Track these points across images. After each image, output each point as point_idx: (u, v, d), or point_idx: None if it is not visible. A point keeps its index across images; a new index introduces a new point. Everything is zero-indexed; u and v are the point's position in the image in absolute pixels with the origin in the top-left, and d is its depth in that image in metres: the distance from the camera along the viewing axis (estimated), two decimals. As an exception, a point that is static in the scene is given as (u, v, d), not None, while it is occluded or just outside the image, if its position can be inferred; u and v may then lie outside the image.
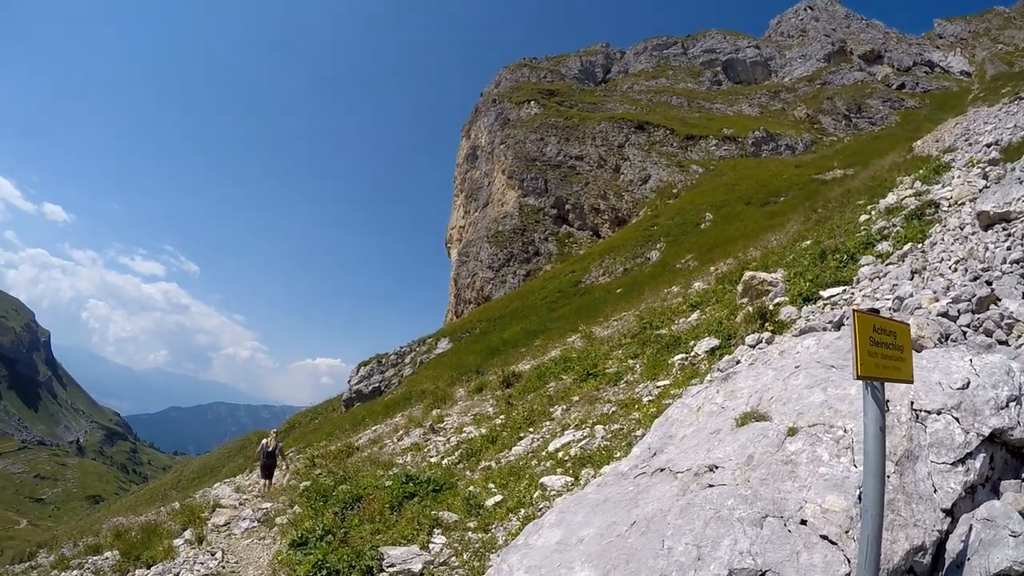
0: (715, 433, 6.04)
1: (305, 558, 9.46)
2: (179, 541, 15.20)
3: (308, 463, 19.11)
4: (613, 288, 43.92)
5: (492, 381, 22.50)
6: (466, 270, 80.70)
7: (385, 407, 36.16)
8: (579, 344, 23.37)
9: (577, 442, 10.96)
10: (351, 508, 11.71)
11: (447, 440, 16.28)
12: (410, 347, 56.88)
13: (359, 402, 52.20)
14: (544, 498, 8.99)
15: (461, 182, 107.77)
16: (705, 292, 21.06)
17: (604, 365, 16.06)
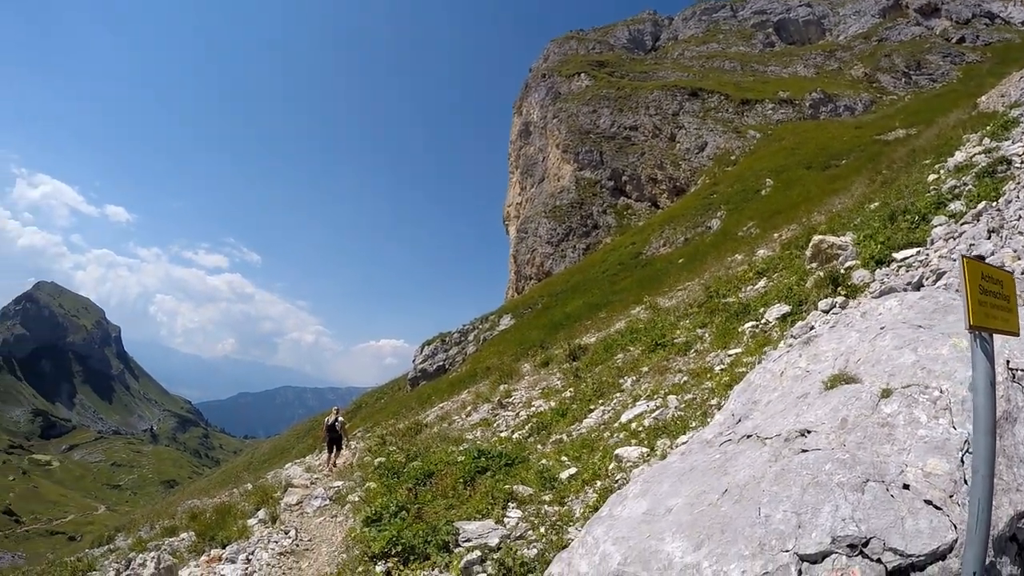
0: (802, 397, 5.84)
1: (380, 534, 9.46)
2: (253, 521, 15.39)
3: (379, 441, 19.22)
4: (675, 258, 43.43)
5: (558, 355, 22.39)
6: (525, 246, 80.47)
7: (450, 384, 36.33)
8: (644, 315, 23.12)
9: (650, 413, 10.79)
10: (423, 484, 11.68)
11: (516, 414, 16.20)
12: (473, 325, 57.11)
13: (424, 380, 52.55)
14: (620, 470, 8.84)
15: (516, 159, 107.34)
16: (770, 259, 20.66)
17: (672, 335, 15.83)
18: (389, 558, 9.01)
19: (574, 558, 5.35)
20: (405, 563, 8.75)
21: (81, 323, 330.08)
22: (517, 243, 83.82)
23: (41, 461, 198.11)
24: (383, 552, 9.14)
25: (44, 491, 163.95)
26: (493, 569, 7.35)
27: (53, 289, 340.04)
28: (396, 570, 8.69)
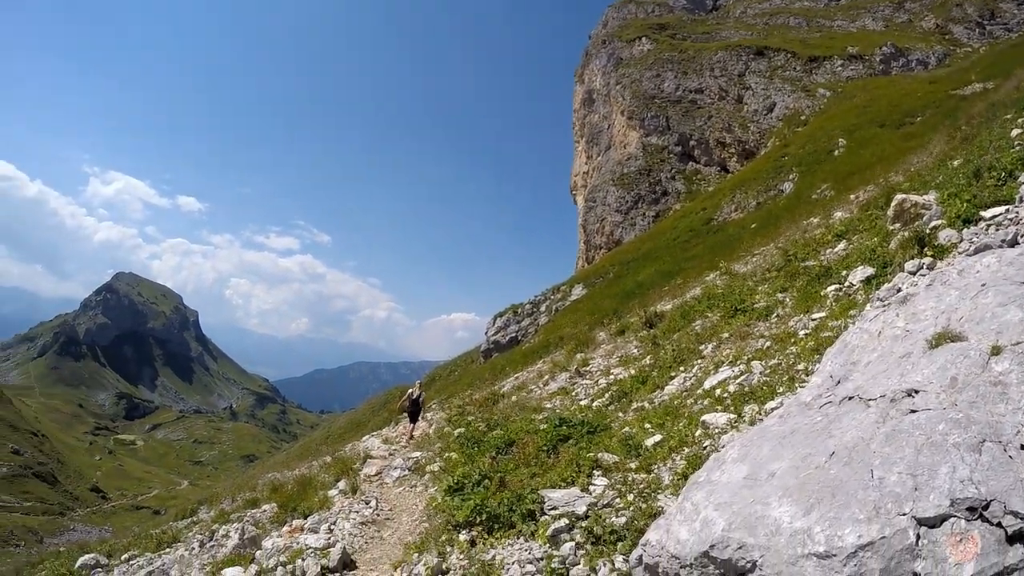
0: (905, 357, 5.62)
1: (464, 503, 9.47)
2: (333, 492, 15.60)
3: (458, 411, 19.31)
4: (747, 223, 42.65)
5: (634, 323, 22.19)
6: (594, 215, 79.82)
7: (523, 356, 36.34)
8: (719, 282, 22.80)
9: (734, 379, 10.59)
10: (504, 453, 11.68)
11: (595, 383, 16.09)
12: (544, 295, 56.97)
13: (497, 352, 52.68)
14: (707, 436, 8.68)
15: (580, 127, 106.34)
16: (849, 221, 20.10)
17: (752, 300, 15.53)
18: (473, 527, 9.04)
19: (672, 525, 5.25)
20: (489, 531, 8.76)
21: (160, 309, 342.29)
22: (586, 212, 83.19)
23: (126, 441, 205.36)
24: (467, 521, 9.16)
25: (129, 469, 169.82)
26: (581, 537, 7.29)
27: (131, 279, 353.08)
28: (480, 538, 8.70)
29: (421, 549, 9.58)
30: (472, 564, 7.97)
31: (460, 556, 8.46)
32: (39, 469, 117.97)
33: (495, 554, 7.95)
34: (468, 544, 8.72)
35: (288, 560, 10.94)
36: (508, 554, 7.79)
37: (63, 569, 17.31)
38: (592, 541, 7.11)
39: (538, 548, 7.57)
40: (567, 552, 7.08)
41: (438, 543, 9.27)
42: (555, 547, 7.39)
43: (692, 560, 4.82)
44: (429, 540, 9.71)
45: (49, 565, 19.20)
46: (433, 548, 9.23)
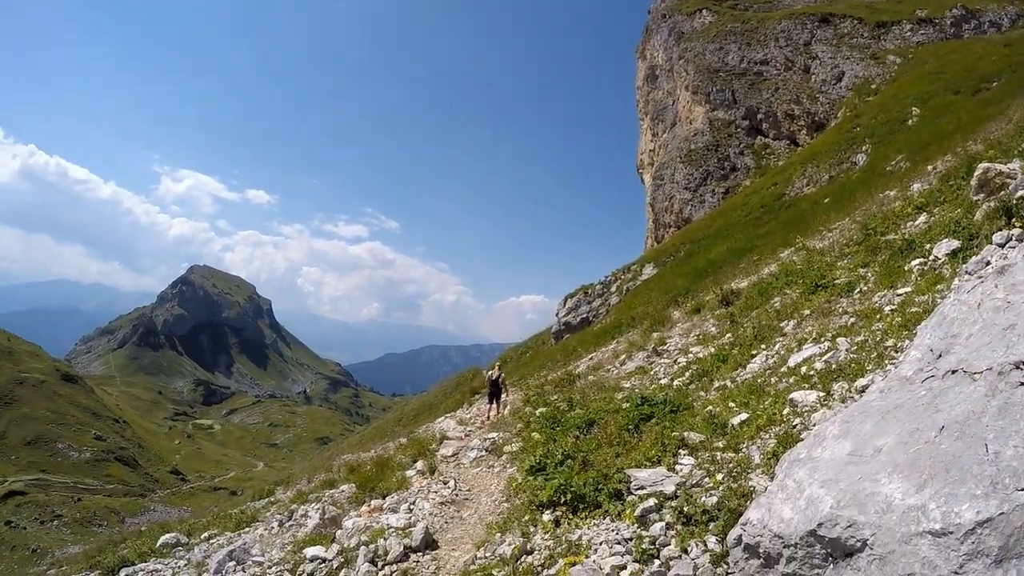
0: (1009, 329, 5.40)
1: (547, 483, 9.41)
2: (411, 472, 15.71)
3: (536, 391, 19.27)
4: (820, 198, 41.74)
5: (710, 301, 21.87)
6: (662, 193, 78.86)
7: (595, 336, 36.17)
8: (794, 258, 22.37)
9: (820, 356, 10.33)
10: (586, 432, 11.63)
11: (673, 362, 15.89)
12: (614, 276, 56.54)
13: (568, 333, 52.57)
14: (796, 414, 8.48)
15: (644, 105, 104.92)
16: (929, 193, 19.47)
17: (832, 276, 15.19)
18: (557, 507, 8.96)
19: (774, 503, 5.13)
20: (574, 512, 8.67)
21: (234, 299, 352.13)
22: (653, 191, 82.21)
23: (204, 425, 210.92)
24: (550, 501, 9.09)
25: (207, 452, 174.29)
26: (671, 517, 7.18)
27: (206, 271, 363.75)
28: (565, 518, 8.61)
29: (503, 529, 9.56)
30: (558, 544, 7.90)
31: (544, 536, 8.40)
32: (121, 453, 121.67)
33: (581, 534, 7.85)
34: (552, 524, 8.65)
35: (370, 539, 11.03)
36: (595, 534, 7.69)
37: (145, 548, 17.76)
38: (683, 521, 6.99)
39: (626, 528, 7.47)
40: (657, 532, 6.98)
41: (521, 523, 9.23)
42: (644, 527, 7.28)
43: (797, 539, 4.70)
44: (511, 520, 9.69)
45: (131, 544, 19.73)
46: (516, 528, 9.20)
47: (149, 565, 15.54)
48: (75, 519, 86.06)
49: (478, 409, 26.50)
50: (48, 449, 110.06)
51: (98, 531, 79.93)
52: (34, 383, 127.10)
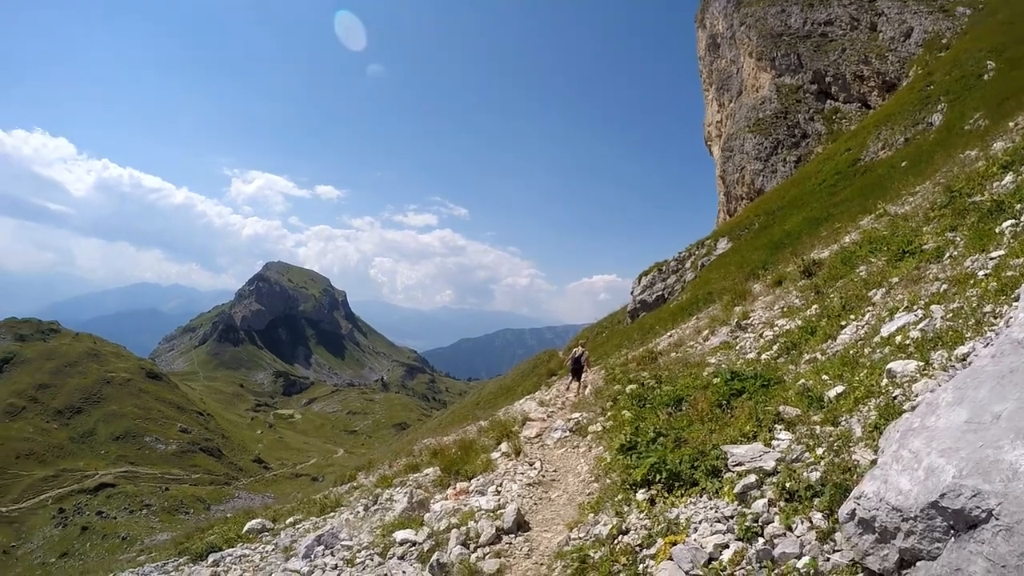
0: None
1: (641, 461, 9.28)
2: (495, 454, 15.76)
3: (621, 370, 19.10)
4: (896, 161, 40.55)
5: (791, 272, 21.42)
6: (732, 165, 77.26)
7: (671, 313, 35.75)
8: (876, 225, 21.78)
9: (914, 325, 10.01)
10: (676, 409, 11.47)
11: (759, 335, 15.56)
12: (688, 251, 55.63)
13: (644, 311, 52.12)
14: (895, 385, 8.21)
15: (708, 75, 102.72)
16: (1013, 150, 18.73)
17: (919, 242, 14.74)
18: (652, 485, 8.82)
19: (890, 475, 4.97)
20: (670, 490, 8.51)
21: (310, 293, 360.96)
22: (723, 163, 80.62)
23: (285, 415, 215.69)
24: (644, 479, 8.96)
25: (288, 440, 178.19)
26: (773, 494, 7.00)
27: (280, 267, 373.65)
28: (660, 497, 8.46)
29: (596, 509, 9.52)
30: (655, 523, 7.78)
31: (640, 515, 8.30)
32: (205, 444, 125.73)
33: (678, 513, 7.71)
34: (647, 503, 8.52)
35: (460, 522, 11.09)
36: (693, 512, 7.55)
37: (232, 533, 18.16)
38: (785, 498, 6.82)
39: (726, 506, 7.33)
40: (760, 509, 6.83)
41: (614, 502, 9.16)
42: (745, 505, 7.12)
43: (917, 512, 4.54)
44: (604, 500, 9.63)
45: (218, 530, 20.21)
46: (609, 508, 9.14)
47: (236, 550, 15.87)
48: (163, 508, 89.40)
49: (557, 390, 26.52)
50: (136, 443, 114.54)
51: (185, 519, 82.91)
52: (120, 382, 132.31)
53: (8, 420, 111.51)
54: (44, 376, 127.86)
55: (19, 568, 69.89)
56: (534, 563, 9.34)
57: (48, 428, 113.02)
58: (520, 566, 9.35)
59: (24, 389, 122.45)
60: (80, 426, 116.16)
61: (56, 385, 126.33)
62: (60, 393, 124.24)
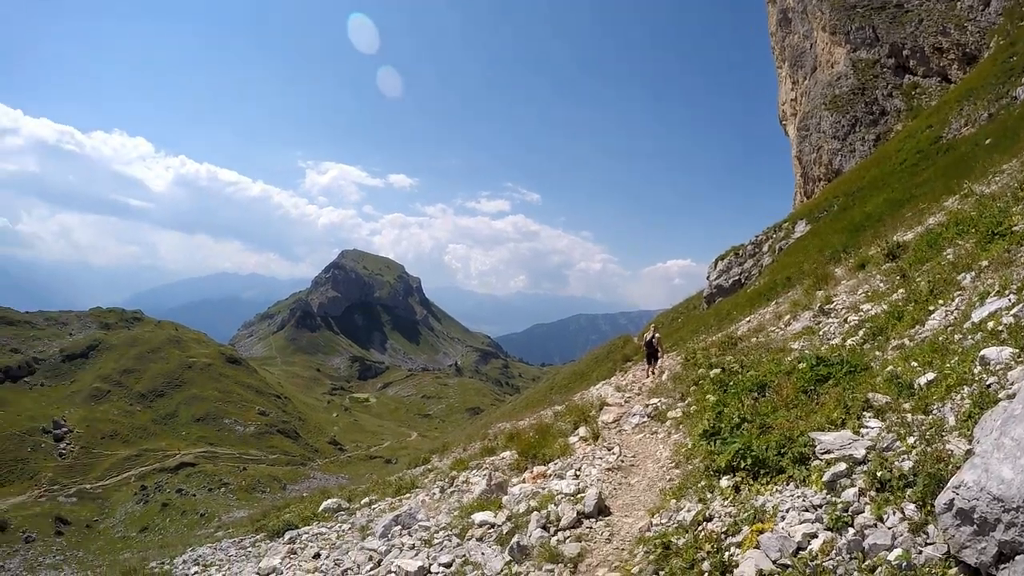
0: None
1: (726, 447, 9.14)
2: (573, 439, 15.78)
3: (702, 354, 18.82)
4: (980, 139, 39.11)
5: (874, 255, 20.83)
6: (809, 145, 75.23)
7: (749, 298, 35.12)
8: (962, 206, 21.08)
9: (1007, 310, 9.64)
10: (760, 395, 11.26)
11: (843, 321, 15.13)
12: (765, 235, 54.39)
13: (720, 297, 51.39)
14: (989, 372, 7.92)
15: (780, 51, 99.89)
16: (1109, 125, 17.99)
17: (1009, 223, 14.20)
18: (737, 472, 8.70)
19: (991, 463, 4.83)
20: (755, 477, 8.38)
21: (385, 279, 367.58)
22: (799, 143, 78.54)
23: (360, 399, 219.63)
24: (729, 466, 8.85)
25: (363, 423, 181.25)
26: (864, 483, 6.83)
27: (356, 255, 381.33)
28: (745, 484, 8.34)
29: (678, 495, 9.44)
30: (740, 511, 7.69)
31: (724, 502, 8.20)
32: (283, 426, 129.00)
33: (764, 500, 7.59)
34: (732, 490, 8.41)
35: (539, 505, 11.11)
36: (779, 501, 7.42)
37: (308, 512, 18.57)
38: (876, 487, 6.66)
39: (814, 495, 7.18)
40: (850, 499, 6.68)
41: (697, 489, 9.08)
42: (834, 494, 6.98)
43: (1020, 502, 4.42)
44: (686, 486, 9.55)
45: (295, 508, 20.67)
46: (692, 494, 9.07)
47: (313, 528, 16.24)
48: (240, 486, 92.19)
49: (634, 375, 26.43)
50: (216, 424, 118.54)
51: (261, 497, 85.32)
52: (201, 367, 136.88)
53: (94, 403, 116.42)
54: (128, 362, 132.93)
55: (101, 541, 73.01)
56: (615, 548, 9.31)
57: (132, 410, 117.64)
58: (601, 551, 9.32)
59: (109, 374, 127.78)
60: (162, 408, 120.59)
61: (140, 370, 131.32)
62: (143, 377, 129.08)
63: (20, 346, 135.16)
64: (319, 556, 13.57)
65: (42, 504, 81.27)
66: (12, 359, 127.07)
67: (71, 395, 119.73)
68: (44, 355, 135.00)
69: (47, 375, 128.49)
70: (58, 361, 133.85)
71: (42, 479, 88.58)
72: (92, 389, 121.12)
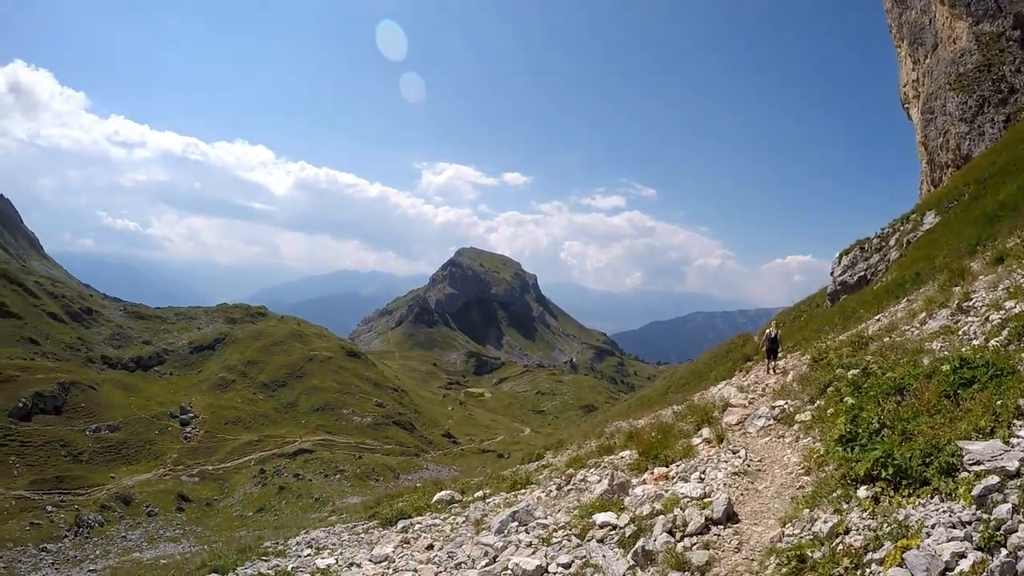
0: None
1: (864, 454, 8.68)
2: (696, 440, 15.40)
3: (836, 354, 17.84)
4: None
5: (1013, 248, 19.50)
6: (934, 129, 70.38)
7: (875, 296, 33.43)
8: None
9: None
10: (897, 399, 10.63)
11: (983, 319, 14.15)
12: (892, 227, 51.36)
13: (844, 294, 49.22)
14: None
15: (897, 29, 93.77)
16: None
17: None
18: (877, 481, 8.21)
19: None
20: (895, 488, 7.87)
21: (501, 276, 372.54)
22: (923, 127, 73.72)
23: (475, 393, 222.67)
24: (867, 475, 8.38)
25: (478, 417, 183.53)
26: (1018, 499, 6.33)
27: (472, 252, 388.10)
28: (885, 495, 7.85)
29: (812, 504, 9.05)
30: (882, 523, 7.27)
31: (863, 514, 7.78)
32: (398, 418, 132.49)
33: (907, 514, 7.12)
34: (871, 501, 7.96)
35: (664, 508, 10.86)
36: (924, 515, 6.94)
37: (421, 502, 18.68)
38: (1032, 504, 6.18)
39: (962, 509, 6.69)
40: (1003, 516, 6.18)
41: (832, 499, 8.69)
42: (984, 510, 6.47)
43: None
44: (820, 495, 9.14)
45: (408, 498, 20.84)
46: (827, 504, 8.68)
47: (426, 519, 16.26)
48: (355, 474, 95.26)
49: (756, 376, 25.75)
50: (334, 415, 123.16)
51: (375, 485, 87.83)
52: (322, 359, 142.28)
53: (220, 391, 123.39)
54: (252, 354, 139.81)
55: (218, 518, 77.23)
56: (744, 558, 8.99)
57: (255, 399, 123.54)
58: (729, 560, 9.02)
59: (234, 365, 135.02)
60: (283, 398, 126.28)
61: (263, 362, 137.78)
62: (266, 369, 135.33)
63: (152, 339, 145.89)
64: (432, 547, 13.49)
65: (166, 482, 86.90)
66: (144, 350, 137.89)
67: (198, 384, 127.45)
68: (173, 347, 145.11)
69: (176, 365, 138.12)
70: (186, 352, 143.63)
71: (167, 459, 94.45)
72: (218, 379, 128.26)
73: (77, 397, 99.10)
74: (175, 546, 61.62)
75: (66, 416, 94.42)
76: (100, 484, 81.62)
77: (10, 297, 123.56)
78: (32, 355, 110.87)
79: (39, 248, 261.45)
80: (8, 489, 73.61)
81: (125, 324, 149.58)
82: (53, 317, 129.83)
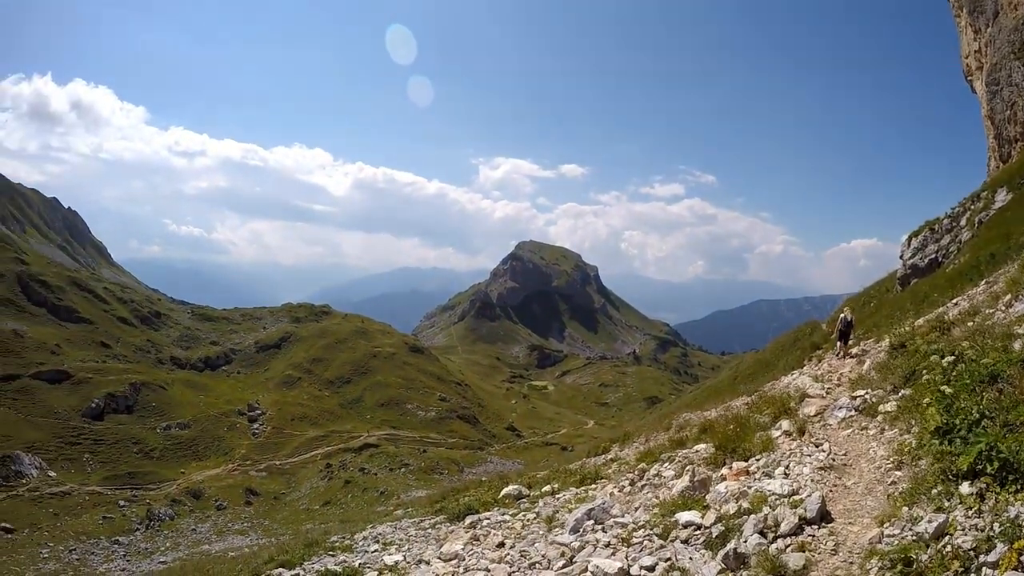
0: None
1: (968, 448, 8.15)
2: (776, 433, 14.90)
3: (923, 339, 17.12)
4: None
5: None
6: (1000, 101, 67.11)
7: (949, 279, 32.36)
8: None
9: None
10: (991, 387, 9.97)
11: (1076, 300, 13.55)
12: (963, 206, 49.32)
13: (915, 278, 47.64)
14: None
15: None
16: None
17: None
18: (980, 476, 7.75)
19: None
20: (1002, 484, 7.43)
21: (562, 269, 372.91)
22: (989, 100, 70.28)
23: (538, 386, 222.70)
24: (971, 469, 7.90)
25: (540, 410, 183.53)
26: None
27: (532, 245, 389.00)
28: (991, 492, 7.42)
29: (910, 502, 8.64)
30: (991, 523, 6.85)
31: (968, 512, 7.37)
32: (462, 412, 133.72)
33: (1018, 512, 6.70)
34: (975, 498, 7.52)
35: (752, 507, 10.45)
36: (1034, 514, 6.60)
37: (488, 497, 18.53)
38: None
39: (1074, 509, 6.35)
40: None
41: (931, 496, 8.27)
42: (1105, 509, 6.14)
43: None
44: (918, 491, 8.72)
45: (474, 492, 20.76)
46: (926, 501, 8.27)
47: (494, 515, 16.02)
48: (420, 468, 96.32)
49: (829, 364, 25.17)
50: (399, 409, 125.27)
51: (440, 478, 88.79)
52: (386, 355, 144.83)
53: (286, 389, 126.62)
54: (317, 351, 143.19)
55: (286, 512, 78.57)
56: (843, 560, 8.57)
57: (320, 395, 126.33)
58: (827, 563, 8.60)
59: (300, 362, 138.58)
60: (348, 394, 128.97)
61: (328, 359, 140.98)
62: (331, 366, 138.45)
63: (219, 339, 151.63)
64: (503, 545, 13.10)
65: (235, 477, 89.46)
66: (212, 350, 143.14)
67: (264, 381, 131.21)
68: (240, 347, 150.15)
69: (243, 364, 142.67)
70: (253, 352, 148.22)
71: (236, 455, 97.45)
72: (284, 376, 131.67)
73: (148, 397, 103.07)
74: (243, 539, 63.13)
75: (137, 415, 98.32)
76: (171, 479, 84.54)
77: (81, 303, 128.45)
78: (104, 358, 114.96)
79: (107, 256, 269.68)
80: (82, 485, 76.54)
81: (193, 326, 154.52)
82: (123, 321, 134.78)
